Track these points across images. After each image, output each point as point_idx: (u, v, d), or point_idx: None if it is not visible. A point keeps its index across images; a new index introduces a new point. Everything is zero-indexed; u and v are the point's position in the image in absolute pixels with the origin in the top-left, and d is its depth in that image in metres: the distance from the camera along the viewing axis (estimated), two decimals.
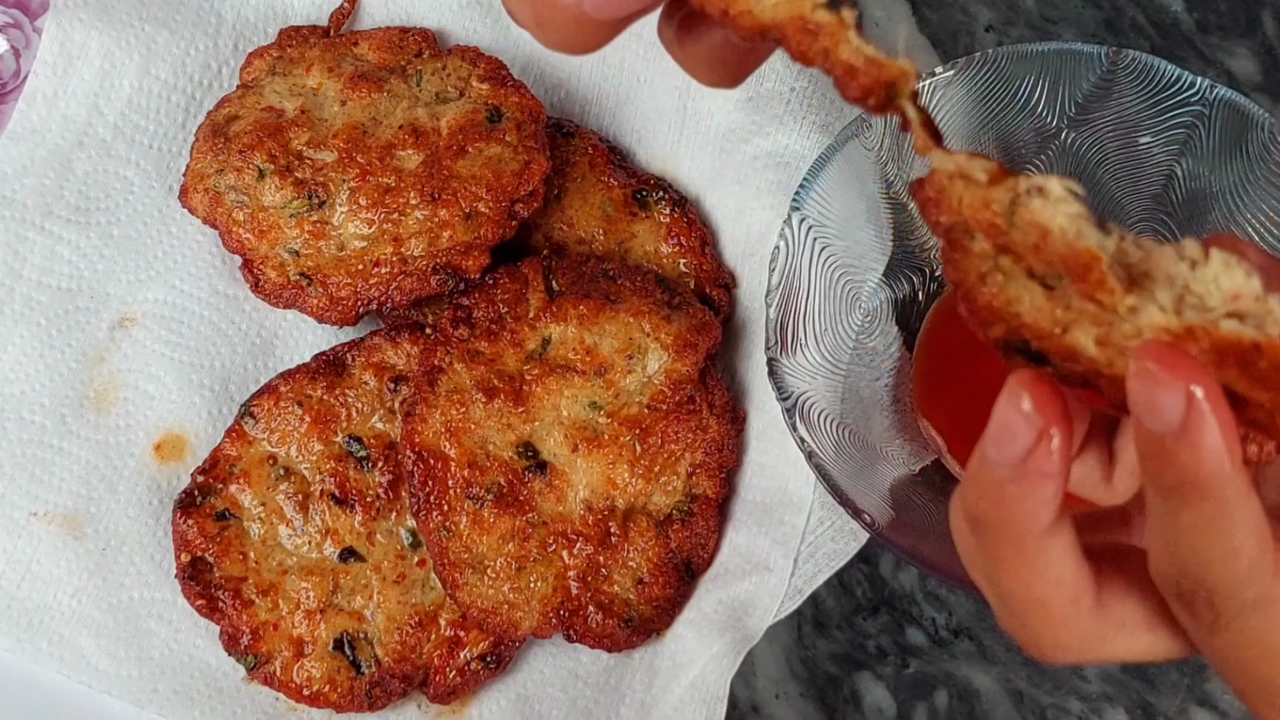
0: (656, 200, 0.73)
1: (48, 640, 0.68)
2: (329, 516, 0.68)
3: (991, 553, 0.38)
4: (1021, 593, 0.38)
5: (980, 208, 0.36)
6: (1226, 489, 0.34)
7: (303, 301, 0.69)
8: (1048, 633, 0.39)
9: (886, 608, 0.73)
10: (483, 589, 0.65)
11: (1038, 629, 0.39)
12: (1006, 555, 0.38)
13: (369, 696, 0.66)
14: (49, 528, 0.69)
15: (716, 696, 0.64)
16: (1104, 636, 0.39)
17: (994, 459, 0.37)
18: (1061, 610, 0.38)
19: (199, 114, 0.74)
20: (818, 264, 0.65)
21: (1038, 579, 0.38)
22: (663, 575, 0.66)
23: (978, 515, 0.38)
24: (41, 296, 0.72)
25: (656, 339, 0.68)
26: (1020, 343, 0.38)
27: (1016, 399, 0.36)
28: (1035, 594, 0.38)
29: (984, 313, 0.38)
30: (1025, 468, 0.36)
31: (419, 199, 0.68)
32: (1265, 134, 0.61)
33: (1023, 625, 0.39)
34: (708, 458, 0.68)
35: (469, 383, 0.67)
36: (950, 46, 0.80)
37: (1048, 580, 0.38)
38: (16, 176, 0.72)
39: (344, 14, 0.76)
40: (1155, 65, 0.63)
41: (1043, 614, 0.38)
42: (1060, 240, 0.34)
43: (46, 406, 0.71)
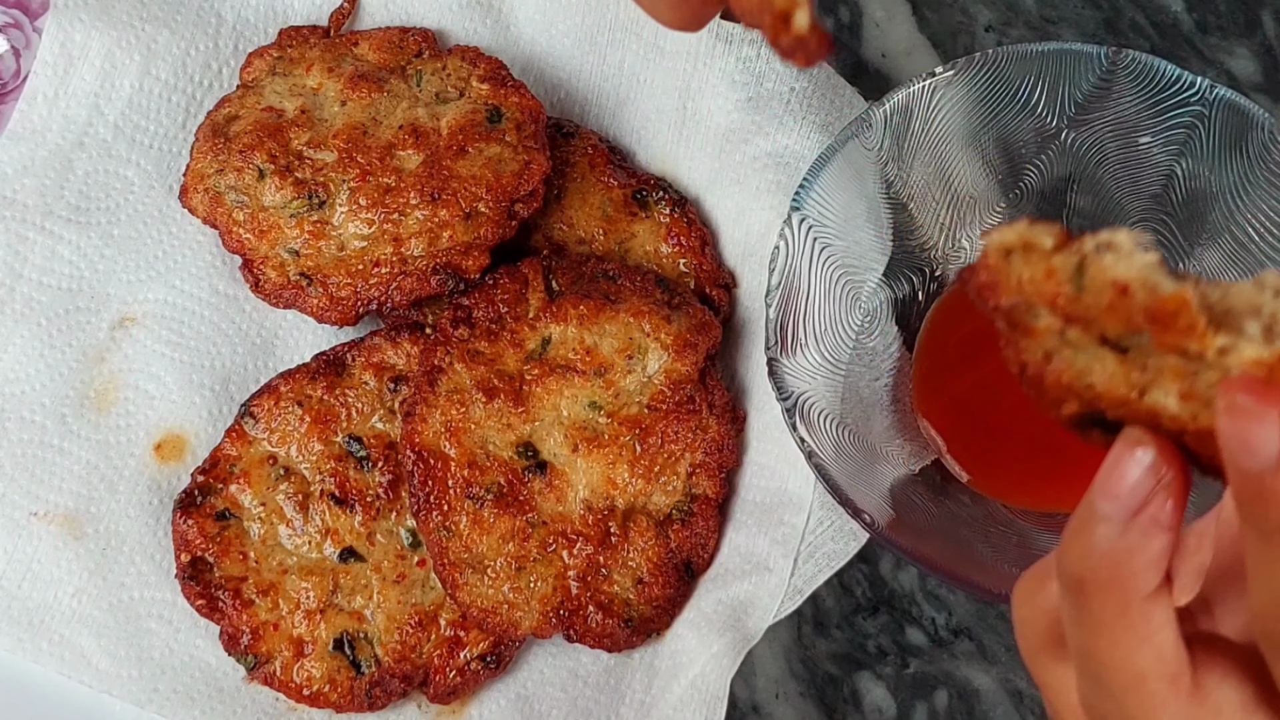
0: (656, 200, 0.73)
1: (48, 640, 0.68)
2: (329, 516, 0.68)
3: (1093, 619, 0.36)
4: (1122, 665, 0.36)
5: (1044, 279, 0.35)
6: None
7: (303, 301, 0.69)
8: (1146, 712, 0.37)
9: (886, 608, 0.73)
10: (483, 589, 0.65)
11: (1134, 712, 0.37)
12: (1110, 621, 0.36)
13: (369, 696, 0.66)
14: (49, 528, 0.69)
15: (716, 696, 0.64)
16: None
17: (1106, 512, 0.35)
18: (1160, 690, 0.36)
19: (199, 114, 0.74)
20: (818, 264, 0.65)
21: (1139, 649, 0.36)
22: (663, 575, 0.66)
23: (1082, 576, 0.36)
24: (42, 296, 0.72)
25: (656, 339, 0.68)
26: (1096, 415, 0.37)
27: (1134, 446, 0.35)
28: (1136, 668, 0.36)
29: (1054, 391, 0.37)
30: (1139, 520, 0.35)
31: (419, 199, 0.68)
32: (1265, 134, 0.61)
33: (1120, 708, 0.37)
34: (708, 458, 0.68)
35: (469, 383, 0.67)
36: (950, 46, 0.80)
37: (1149, 652, 0.36)
38: (17, 176, 0.72)
39: (344, 14, 0.76)
40: (1155, 65, 0.63)
41: (1141, 693, 0.36)
42: (1142, 292, 0.34)
43: (47, 406, 0.71)
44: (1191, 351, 0.34)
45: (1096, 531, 0.36)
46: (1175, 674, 0.36)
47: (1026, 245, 0.36)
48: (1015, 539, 0.64)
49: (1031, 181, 0.69)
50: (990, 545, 0.63)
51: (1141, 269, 0.34)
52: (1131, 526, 0.35)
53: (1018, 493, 0.67)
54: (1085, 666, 0.38)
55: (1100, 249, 0.34)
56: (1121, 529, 0.35)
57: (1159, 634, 0.36)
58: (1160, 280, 0.34)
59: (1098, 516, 0.36)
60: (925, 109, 0.65)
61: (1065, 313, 0.36)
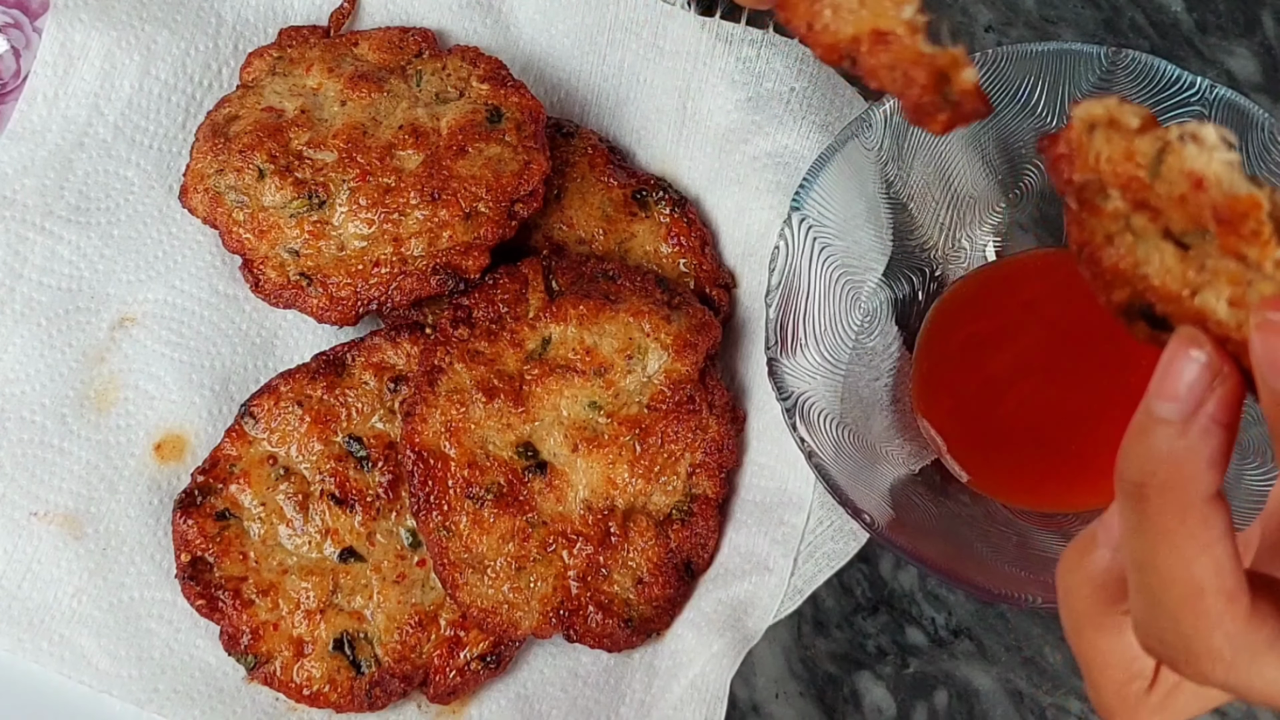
0: (656, 200, 0.73)
1: (48, 640, 0.68)
2: (329, 516, 0.68)
3: (1153, 525, 0.36)
4: (1181, 575, 0.36)
5: (1122, 159, 0.35)
6: None
7: (303, 301, 0.69)
8: (1202, 633, 0.36)
9: (886, 608, 0.73)
10: (483, 589, 0.65)
11: (1192, 628, 0.36)
12: (1171, 526, 0.36)
13: (369, 696, 0.66)
14: (49, 528, 0.69)
15: (716, 696, 0.64)
16: (1255, 652, 0.36)
17: (1164, 413, 0.35)
18: (1217, 607, 0.36)
19: (199, 114, 0.74)
20: (818, 264, 0.65)
21: (1199, 558, 0.36)
22: (663, 575, 0.66)
23: (1142, 480, 0.36)
24: (42, 296, 0.72)
25: (656, 339, 0.68)
26: (1145, 307, 0.37)
27: (1188, 345, 0.35)
28: (1194, 579, 0.36)
29: (1109, 275, 0.37)
30: (1198, 419, 0.35)
31: (419, 199, 0.68)
32: (1265, 134, 0.61)
33: (1175, 624, 0.37)
34: (708, 458, 0.68)
35: (469, 383, 0.67)
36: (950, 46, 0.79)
37: (1208, 563, 0.36)
38: (17, 176, 0.72)
39: (344, 14, 0.76)
40: (1155, 65, 0.63)
41: (1198, 609, 0.36)
42: (1216, 188, 0.34)
43: (47, 406, 0.71)
44: (1250, 259, 0.34)
45: (1155, 434, 0.36)
46: (1233, 592, 0.36)
47: (1112, 122, 0.36)
48: (1015, 539, 0.64)
49: (1031, 181, 0.69)
50: (990, 545, 0.63)
51: (1221, 165, 0.34)
52: (1190, 426, 0.35)
53: (1018, 493, 0.67)
54: (1142, 581, 0.37)
55: (1185, 138, 0.34)
56: (1181, 429, 0.35)
57: (1218, 544, 0.36)
58: (1237, 180, 0.34)
59: (1155, 419, 0.36)
60: None
61: (1135, 198, 0.36)
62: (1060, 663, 0.72)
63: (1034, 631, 0.72)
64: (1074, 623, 0.41)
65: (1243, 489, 0.62)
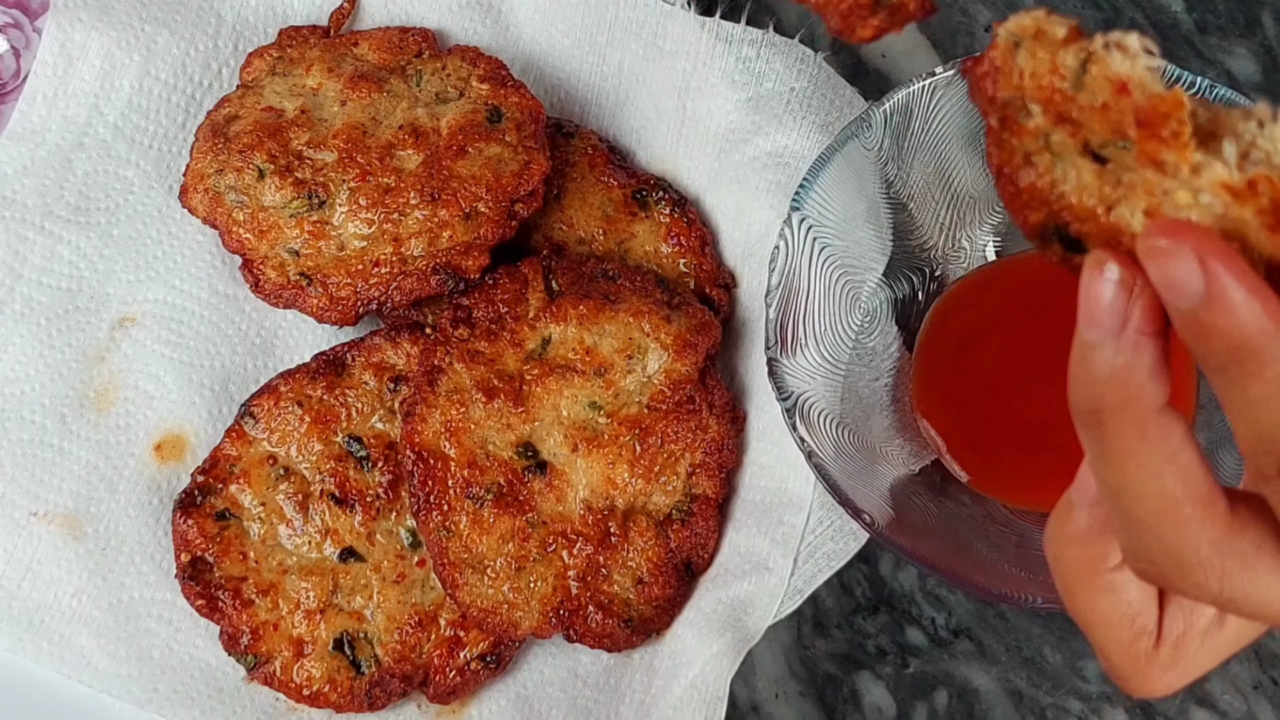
0: (656, 200, 0.73)
1: (48, 640, 0.68)
2: (329, 516, 0.68)
3: (1114, 448, 0.37)
4: (1152, 490, 0.36)
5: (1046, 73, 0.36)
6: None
7: (303, 301, 0.69)
8: (1188, 543, 0.37)
9: (886, 608, 0.73)
10: (483, 589, 0.65)
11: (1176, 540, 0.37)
12: (1131, 445, 0.36)
13: (369, 696, 0.66)
14: (49, 528, 0.69)
15: (716, 696, 0.64)
16: (1244, 558, 0.37)
17: (1094, 338, 0.36)
18: (1195, 515, 0.36)
19: (199, 114, 0.74)
20: (818, 264, 0.65)
21: (1166, 470, 0.36)
22: (662, 575, 0.66)
23: (1093, 408, 0.37)
24: (41, 296, 0.72)
25: (656, 339, 0.68)
26: (1059, 227, 0.37)
27: (1099, 267, 0.36)
28: (1166, 491, 0.36)
29: (1025, 195, 0.38)
30: (1127, 334, 0.36)
31: (419, 199, 0.68)
32: None
33: (1160, 543, 0.37)
34: (708, 458, 0.68)
35: (469, 383, 0.67)
36: (950, 46, 0.80)
37: (1175, 473, 0.36)
38: (16, 176, 0.72)
39: (344, 14, 0.76)
40: None
41: (1177, 520, 0.36)
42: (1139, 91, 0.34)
43: (46, 406, 0.71)
44: (1169, 165, 0.34)
45: (1092, 360, 0.37)
46: (1207, 498, 0.37)
47: (1039, 33, 0.36)
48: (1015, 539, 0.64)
49: None
50: (990, 545, 0.63)
51: (1144, 71, 0.34)
52: (1122, 343, 0.36)
53: (1018, 493, 0.67)
54: (1119, 507, 0.38)
55: (1109, 46, 0.35)
56: (1114, 348, 0.36)
57: (1181, 453, 0.37)
58: (1159, 86, 0.34)
59: (1088, 346, 0.37)
60: (925, 109, 0.65)
61: (1058, 112, 0.36)
62: (1060, 663, 0.72)
63: (1034, 631, 0.72)
64: (1068, 589, 0.41)
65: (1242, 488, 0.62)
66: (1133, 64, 0.35)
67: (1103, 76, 0.35)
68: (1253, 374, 0.34)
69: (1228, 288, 0.33)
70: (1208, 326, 0.34)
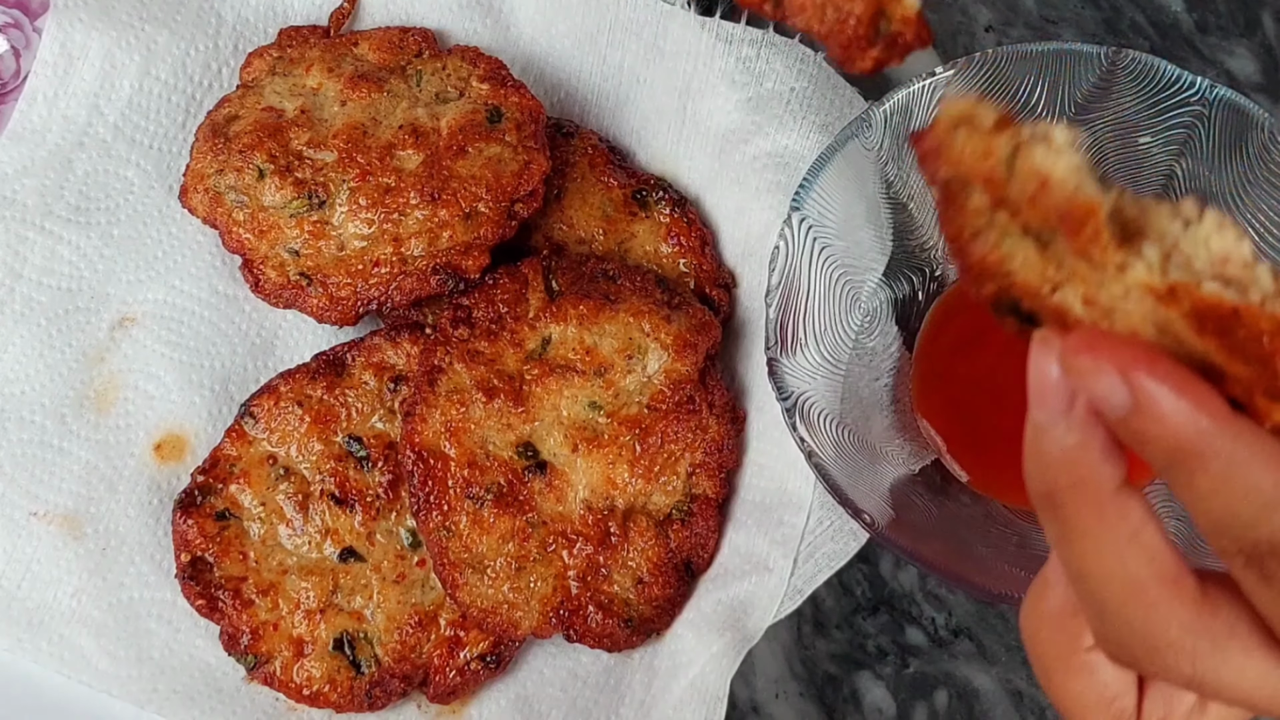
0: (656, 200, 0.73)
1: (48, 640, 0.68)
2: (329, 516, 0.68)
3: (1073, 528, 0.36)
4: (1116, 573, 0.36)
5: (981, 156, 0.35)
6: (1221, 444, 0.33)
7: (303, 301, 0.69)
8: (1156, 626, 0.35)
9: (886, 608, 0.73)
10: (483, 589, 0.65)
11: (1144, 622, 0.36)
12: (1090, 526, 0.36)
13: (369, 696, 0.66)
14: (49, 528, 0.69)
15: (716, 696, 0.64)
16: (1216, 640, 0.35)
17: (1043, 420, 0.36)
18: (1163, 596, 0.35)
19: (199, 114, 0.74)
20: (818, 264, 0.65)
21: (1128, 551, 0.35)
22: (663, 575, 0.66)
23: (1048, 489, 0.36)
24: (41, 296, 0.72)
25: (656, 339, 0.68)
26: (1011, 302, 0.37)
27: (1047, 347, 0.36)
28: (1130, 573, 0.35)
29: (976, 269, 0.38)
30: (1075, 412, 0.35)
31: (419, 199, 0.68)
32: (1265, 134, 0.61)
33: (1128, 623, 0.36)
34: (708, 458, 0.68)
35: (469, 383, 0.67)
36: (950, 46, 0.80)
37: (1138, 553, 0.35)
38: (17, 176, 0.72)
39: (344, 14, 0.76)
40: (1155, 65, 0.63)
41: (1144, 602, 0.36)
42: (1059, 190, 0.34)
43: (46, 406, 0.71)
44: (1096, 260, 0.34)
45: (1044, 441, 0.36)
46: (1174, 578, 0.36)
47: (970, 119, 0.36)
48: (1015, 539, 0.64)
49: None
50: (990, 545, 0.63)
51: (1067, 168, 0.34)
52: (1072, 422, 0.35)
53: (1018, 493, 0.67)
54: (1085, 590, 0.37)
55: (1034, 139, 0.35)
56: (1064, 428, 0.36)
57: (1143, 532, 0.36)
58: (1083, 182, 0.34)
59: (1039, 427, 0.36)
60: (925, 109, 0.65)
61: (995, 195, 0.36)
62: None
63: None
64: (1044, 670, 0.40)
65: None
66: (1055, 159, 0.34)
67: (1028, 168, 0.35)
68: (1197, 471, 0.34)
69: (1155, 396, 0.33)
70: (1141, 434, 0.34)
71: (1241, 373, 0.34)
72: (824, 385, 0.65)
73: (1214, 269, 0.33)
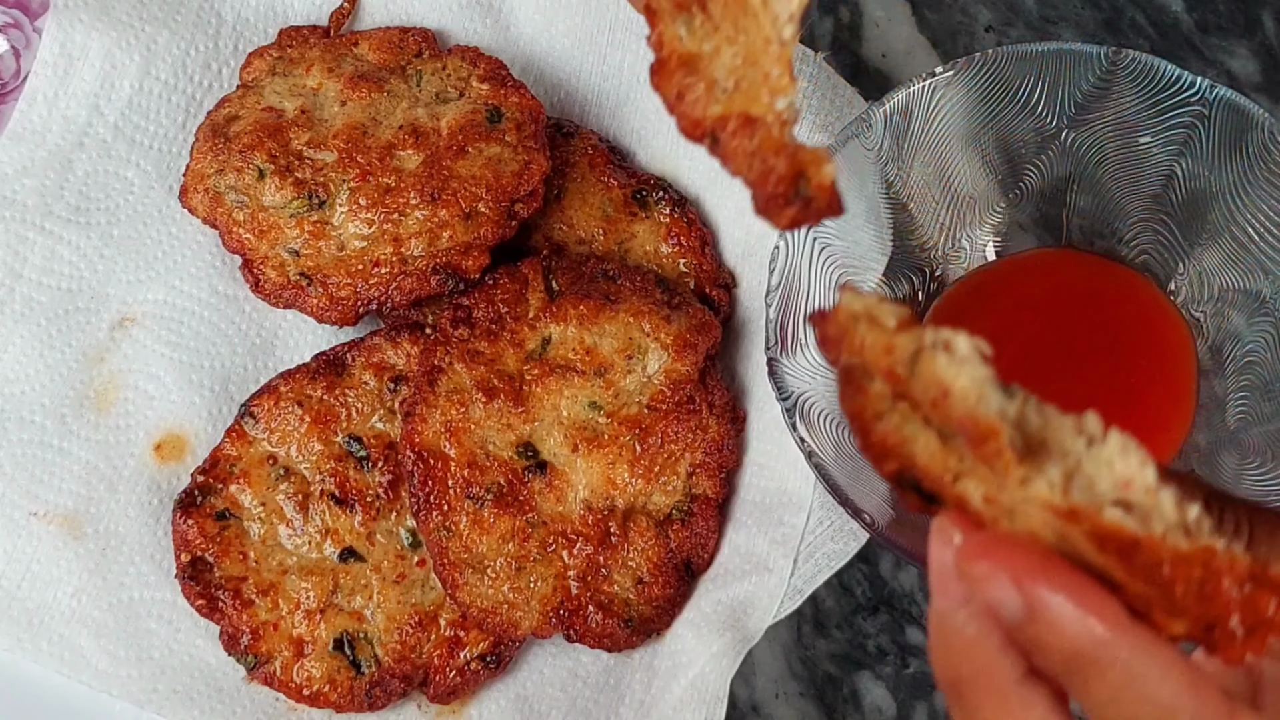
0: (656, 200, 0.73)
1: (48, 640, 0.68)
2: (329, 516, 0.68)
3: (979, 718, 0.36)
4: None
5: (883, 353, 0.35)
6: (1118, 652, 0.33)
7: (303, 301, 0.69)
8: None
9: (886, 608, 0.73)
10: (483, 589, 0.65)
11: None
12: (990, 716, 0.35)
13: (369, 696, 0.66)
14: (49, 528, 0.69)
15: (716, 696, 0.64)
16: None
17: (943, 607, 0.35)
18: None
19: (199, 114, 0.74)
20: (818, 264, 0.65)
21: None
22: (663, 575, 0.66)
23: (952, 678, 0.36)
24: (41, 296, 0.72)
25: (656, 339, 0.68)
26: (913, 480, 0.37)
27: (946, 537, 0.35)
28: None
29: (878, 448, 0.37)
30: (974, 606, 0.35)
31: (419, 199, 0.68)
32: (1265, 134, 0.61)
33: None
34: (708, 458, 0.68)
35: (469, 383, 0.67)
36: (950, 46, 0.80)
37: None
38: (17, 176, 0.72)
39: (344, 14, 0.76)
40: (1155, 65, 0.63)
41: None
42: (960, 404, 0.33)
43: (46, 406, 0.71)
44: (997, 470, 0.34)
45: (944, 631, 0.36)
46: None
47: (871, 318, 0.35)
48: None
49: (1031, 181, 0.69)
50: None
51: (970, 380, 0.34)
52: (970, 614, 0.35)
53: None
54: None
55: (937, 346, 0.34)
56: (964, 617, 0.35)
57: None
58: (987, 394, 0.33)
59: (941, 614, 0.36)
60: (925, 109, 0.65)
61: (896, 390, 0.36)
62: None
63: None
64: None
65: (1243, 489, 0.62)
66: (957, 371, 0.34)
67: (930, 375, 0.34)
68: (1094, 679, 0.33)
69: (1050, 605, 0.33)
70: (1036, 641, 0.33)
71: (1141, 590, 0.33)
72: (824, 385, 0.65)
73: (1117, 492, 0.33)
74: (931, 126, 0.66)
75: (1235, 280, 0.65)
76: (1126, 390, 0.67)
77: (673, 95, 0.38)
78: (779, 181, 0.37)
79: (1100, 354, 0.67)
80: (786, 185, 0.37)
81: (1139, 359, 0.68)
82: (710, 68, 0.38)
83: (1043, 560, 0.33)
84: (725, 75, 0.37)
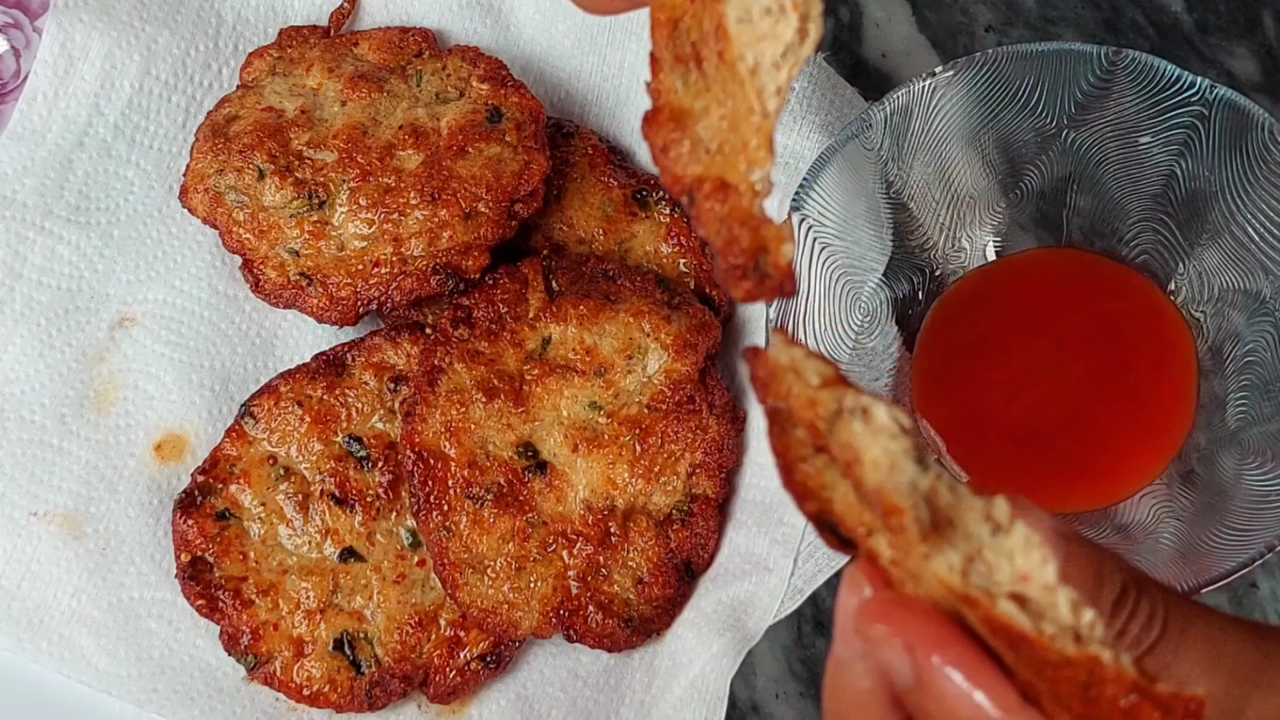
0: (656, 200, 0.73)
1: (48, 640, 0.68)
2: (329, 516, 0.68)
3: None
4: None
5: (806, 405, 0.35)
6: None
7: (303, 301, 0.69)
8: None
9: None
10: (483, 589, 0.65)
11: None
12: None
13: (369, 696, 0.66)
14: (49, 528, 0.69)
15: (716, 696, 0.64)
16: None
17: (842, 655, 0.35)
18: None
19: (199, 114, 0.74)
20: (818, 264, 0.65)
21: None
22: (663, 575, 0.66)
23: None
24: (41, 296, 0.72)
25: (656, 339, 0.68)
26: (832, 524, 0.37)
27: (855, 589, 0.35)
28: None
29: (799, 488, 0.37)
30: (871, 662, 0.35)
31: (419, 199, 0.68)
32: (1265, 134, 0.61)
33: None
34: (708, 458, 0.68)
35: (469, 383, 0.67)
36: (950, 46, 0.79)
37: None
38: (17, 176, 0.72)
39: (344, 14, 0.76)
40: (1155, 65, 0.63)
41: None
42: (871, 473, 0.33)
43: (46, 406, 0.71)
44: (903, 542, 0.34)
45: (840, 677, 0.36)
46: None
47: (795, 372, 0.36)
48: None
49: (1031, 181, 0.69)
50: None
51: (883, 452, 0.33)
52: (866, 669, 0.35)
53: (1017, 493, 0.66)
54: None
55: (855, 412, 0.34)
56: (860, 672, 0.35)
57: None
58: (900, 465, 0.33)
59: (837, 660, 0.36)
60: (925, 109, 0.65)
61: (817, 442, 0.36)
62: None
63: None
64: None
65: (1242, 489, 0.62)
66: (871, 440, 0.33)
67: (845, 439, 0.34)
68: None
69: (939, 679, 0.33)
70: (922, 709, 0.33)
71: (1029, 678, 0.33)
72: None
73: (1014, 584, 0.33)
74: (931, 126, 0.66)
75: (1235, 280, 0.65)
76: (1126, 390, 0.67)
77: (659, 146, 0.38)
78: (740, 253, 0.37)
79: (1100, 354, 0.67)
80: (747, 258, 0.37)
81: (1139, 359, 0.68)
82: (698, 126, 0.38)
83: (939, 632, 0.33)
84: (710, 136, 0.37)
